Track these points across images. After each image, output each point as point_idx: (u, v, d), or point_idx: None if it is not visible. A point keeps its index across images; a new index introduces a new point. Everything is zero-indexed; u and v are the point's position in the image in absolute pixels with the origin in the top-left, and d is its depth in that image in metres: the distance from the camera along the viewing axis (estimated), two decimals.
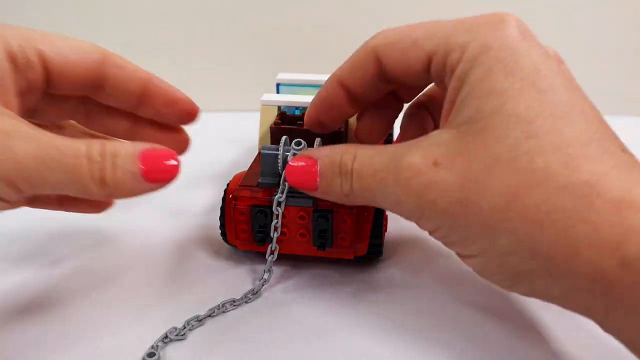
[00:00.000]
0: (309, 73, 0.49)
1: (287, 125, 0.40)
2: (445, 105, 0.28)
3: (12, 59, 0.28)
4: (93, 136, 0.35)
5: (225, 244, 0.37)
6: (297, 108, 0.44)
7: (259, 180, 0.34)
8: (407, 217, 0.28)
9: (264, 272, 0.34)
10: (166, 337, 0.30)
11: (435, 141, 0.26)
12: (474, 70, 0.25)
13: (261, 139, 0.43)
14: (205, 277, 0.36)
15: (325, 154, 0.30)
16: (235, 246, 0.36)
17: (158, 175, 0.28)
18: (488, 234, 0.25)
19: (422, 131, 0.34)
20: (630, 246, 0.21)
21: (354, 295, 0.34)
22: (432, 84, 0.31)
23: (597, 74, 0.65)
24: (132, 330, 0.31)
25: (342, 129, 0.38)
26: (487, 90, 0.25)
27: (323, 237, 0.33)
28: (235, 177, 0.37)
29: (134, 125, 0.35)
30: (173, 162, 0.28)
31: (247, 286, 0.34)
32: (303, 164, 0.30)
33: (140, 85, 0.33)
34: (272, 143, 0.40)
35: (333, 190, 0.29)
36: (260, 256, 0.36)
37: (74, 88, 0.31)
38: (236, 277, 0.35)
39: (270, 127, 0.40)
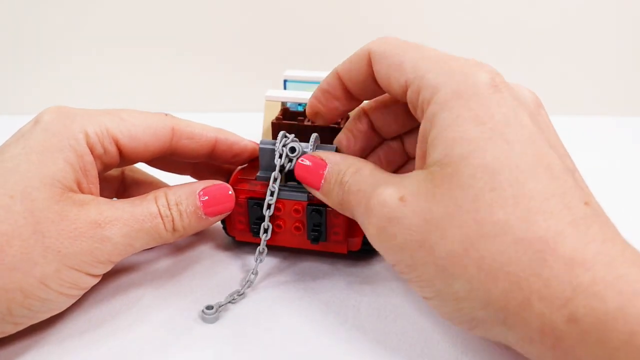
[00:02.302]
0: (316, 70, 0.50)
1: (289, 120, 0.41)
2: (418, 144, 0.28)
3: (92, 148, 0.31)
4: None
5: (226, 235, 0.38)
6: (300, 104, 0.45)
7: (257, 174, 0.35)
8: (373, 245, 0.29)
9: (258, 252, 0.34)
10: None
11: (410, 180, 0.27)
12: (442, 114, 0.26)
13: (264, 134, 0.44)
14: (207, 267, 0.37)
15: (335, 162, 0.31)
16: (234, 237, 0.37)
17: (217, 209, 0.33)
18: (443, 277, 0.25)
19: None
20: (578, 303, 0.22)
21: (349, 288, 0.34)
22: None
23: (598, 74, 0.65)
24: (133, 327, 0.31)
25: (341, 125, 0.39)
26: (456, 136, 0.25)
27: (317, 231, 0.34)
28: (238, 171, 0.38)
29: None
30: (229, 192, 0.33)
31: (243, 276, 0.35)
32: (312, 164, 0.32)
33: (208, 147, 0.35)
34: (274, 138, 0.41)
35: (331, 196, 0.31)
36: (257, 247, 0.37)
37: (143, 160, 0.34)
38: (238, 269, 0.36)
39: (272, 122, 0.41)
